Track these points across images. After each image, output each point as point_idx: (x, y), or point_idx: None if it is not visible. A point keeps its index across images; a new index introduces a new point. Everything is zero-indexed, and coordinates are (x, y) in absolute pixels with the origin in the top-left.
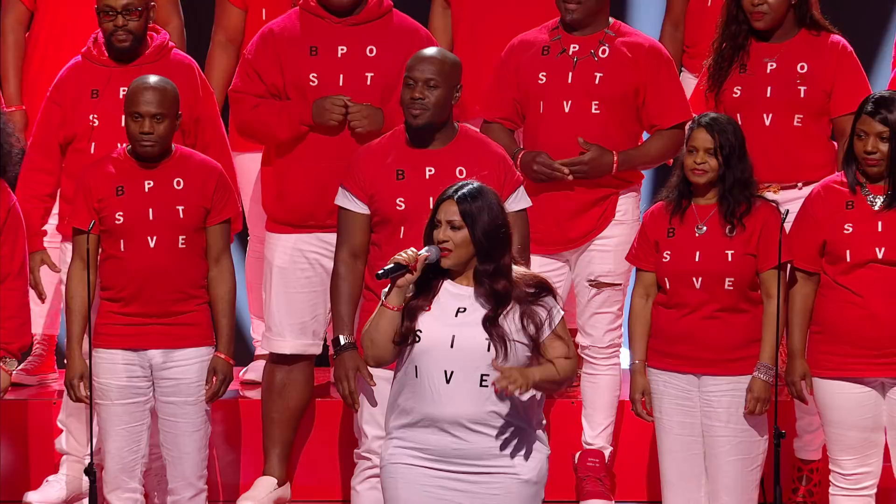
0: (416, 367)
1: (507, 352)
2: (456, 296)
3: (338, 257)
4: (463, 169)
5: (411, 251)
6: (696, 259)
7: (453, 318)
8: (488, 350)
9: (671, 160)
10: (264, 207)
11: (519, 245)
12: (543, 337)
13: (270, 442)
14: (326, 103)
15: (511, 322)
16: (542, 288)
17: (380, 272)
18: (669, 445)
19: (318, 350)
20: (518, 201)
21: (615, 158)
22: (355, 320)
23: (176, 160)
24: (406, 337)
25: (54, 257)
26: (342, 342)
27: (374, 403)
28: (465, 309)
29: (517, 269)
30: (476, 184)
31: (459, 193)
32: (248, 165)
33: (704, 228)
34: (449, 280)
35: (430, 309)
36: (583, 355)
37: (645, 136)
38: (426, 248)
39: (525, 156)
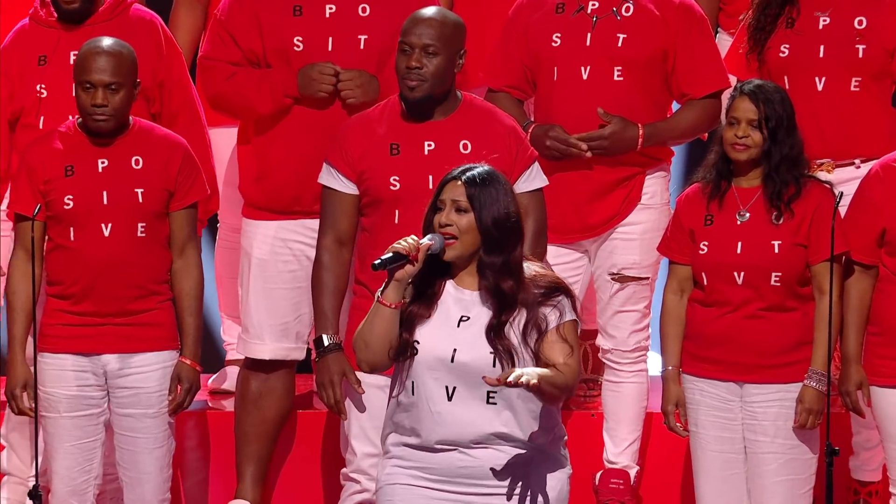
0: (412, 383)
1: (513, 364)
2: (459, 301)
3: (321, 244)
4: (467, 143)
5: (412, 239)
6: (738, 250)
7: (455, 328)
8: (494, 365)
9: (705, 135)
10: (241, 191)
11: (534, 230)
12: (545, 332)
13: (244, 460)
14: (314, 72)
15: (518, 329)
16: (556, 290)
17: (376, 262)
18: (706, 464)
19: (300, 355)
20: (532, 180)
21: (640, 132)
22: (341, 318)
23: (134, 135)
24: (403, 350)
25: (6, 248)
26: (326, 342)
27: (363, 412)
28: (467, 318)
29: (531, 267)
30: (487, 167)
31: (468, 174)
32: (220, 142)
33: (747, 215)
34: (451, 282)
35: (430, 317)
36: (604, 360)
37: (675, 106)
38: (429, 235)
39: (536, 130)
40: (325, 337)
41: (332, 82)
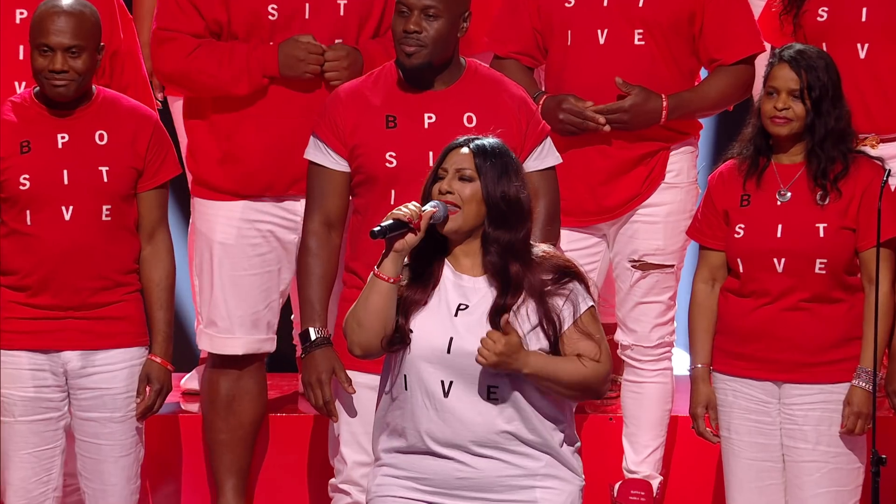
0: (405, 376)
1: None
2: (458, 287)
3: (307, 227)
4: (472, 115)
5: (413, 205)
6: (778, 234)
7: (452, 316)
8: None
9: (731, 106)
10: (194, 170)
11: (546, 213)
12: (562, 330)
13: (224, 472)
14: (299, 51)
15: (524, 319)
16: (566, 273)
17: (375, 229)
18: (741, 473)
19: (272, 347)
20: (544, 157)
21: (664, 104)
22: (332, 312)
23: (98, 107)
24: (398, 336)
25: None
26: (313, 336)
27: (354, 416)
28: (466, 306)
29: (539, 249)
30: (496, 139)
31: (477, 142)
32: (179, 114)
33: (789, 195)
34: (449, 267)
35: (426, 304)
36: (624, 357)
37: (703, 74)
38: (431, 203)
39: (548, 101)
40: (311, 330)
41: (320, 62)
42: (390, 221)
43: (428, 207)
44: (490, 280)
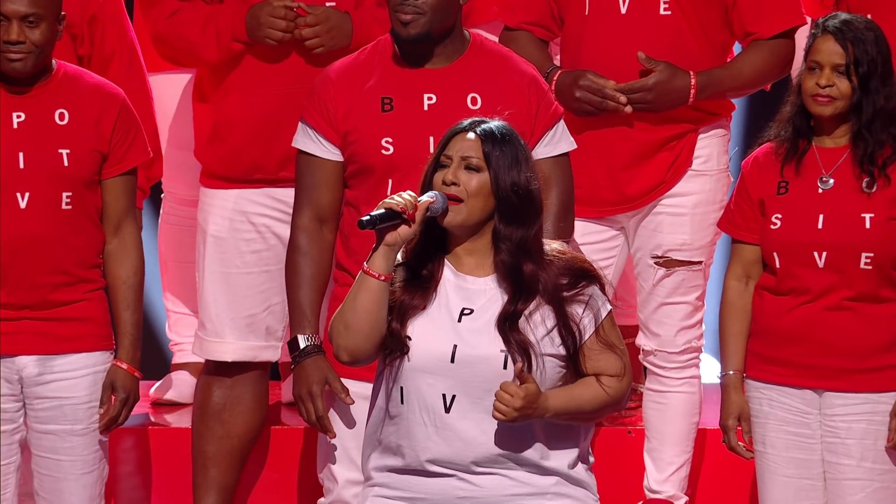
0: (401, 388)
1: (531, 367)
2: (460, 290)
3: (296, 223)
4: (477, 96)
5: (408, 195)
6: (820, 225)
7: (455, 321)
8: (504, 366)
9: (768, 85)
10: (197, 155)
11: (558, 205)
12: (582, 341)
13: (204, 487)
14: (262, 13)
15: (537, 325)
16: (583, 276)
17: (363, 219)
18: (776, 492)
19: (273, 355)
20: (557, 142)
21: (693, 81)
22: (322, 313)
23: (58, 83)
24: (393, 343)
25: None
26: (302, 344)
27: (350, 429)
28: (471, 310)
29: (552, 246)
30: (504, 122)
31: (484, 127)
32: (164, 92)
33: (832, 181)
34: (450, 267)
35: (425, 308)
36: (646, 364)
37: (737, 48)
38: (429, 192)
39: (563, 77)
40: (301, 338)
41: (282, 26)
42: (381, 211)
43: (425, 197)
44: (499, 281)
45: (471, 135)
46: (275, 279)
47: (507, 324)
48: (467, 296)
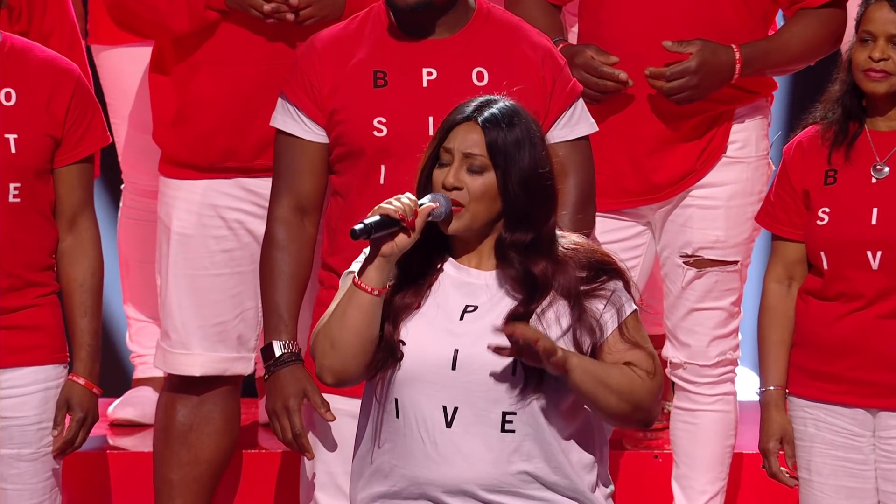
0: (395, 401)
1: (542, 376)
2: (462, 285)
3: (274, 214)
4: (483, 71)
5: (407, 198)
6: (873, 220)
7: (457, 321)
8: (514, 372)
9: (815, 60)
10: (156, 139)
11: (577, 196)
12: (602, 338)
13: None
14: None
15: (552, 322)
16: (603, 270)
17: (356, 227)
18: None
19: (246, 368)
20: (575, 124)
21: (737, 55)
22: (305, 320)
23: (4, 58)
24: (386, 353)
25: None
26: (278, 352)
27: (332, 451)
28: (474, 307)
29: (569, 239)
30: (509, 102)
31: (488, 114)
32: (126, 67)
33: (887, 170)
34: (451, 259)
35: (419, 307)
36: (675, 379)
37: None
38: (430, 196)
39: (563, 51)
40: (277, 344)
41: None
42: (377, 218)
43: (426, 201)
44: (504, 278)
45: (474, 125)
46: (248, 282)
47: (518, 318)
48: (470, 291)
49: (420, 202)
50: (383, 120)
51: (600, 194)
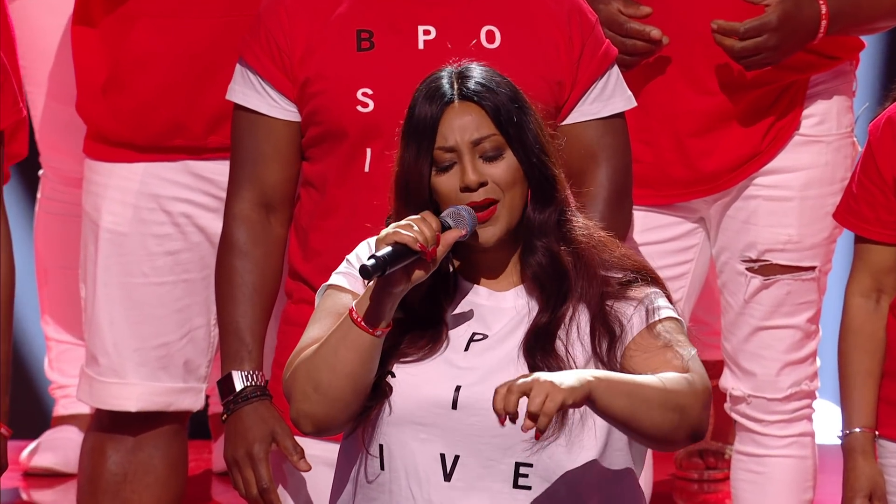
0: (381, 447)
1: (564, 415)
2: (471, 305)
3: (232, 210)
4: (495, 30)
5: (425, 222)
6: None
7: (460, 351)
8: None
9: None
10: (80, 111)
11: (609, 189)
12: (625, 343)
13: None
14: None
15: (575, 341)
16: (639, 274)
17: (367, 263)
18: None
19: (195, 403)
20: (609, 96)
21: (823, 10)
22: (269, 341)
23: None
24: (372, 388)
25: None
26: (239, 385)
27: None
28: (483, 336)
29: (592, 235)
30: (481, 65)
31: (471, 85)
32: (37, 19)
33: None
34: (459, 275)
35: None
36: (736, 416)
37: None
38: (449, 210)
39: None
40: (238, 376)
41: None
42: (390, 249)
43: (449, 221)
44: (529, 291)
45: (465, 106)
46: (198, 292)
47: (539, 342)
48: (480, 315)
49: (441, 219)
50: (369, 92)
51: (639, 185)
